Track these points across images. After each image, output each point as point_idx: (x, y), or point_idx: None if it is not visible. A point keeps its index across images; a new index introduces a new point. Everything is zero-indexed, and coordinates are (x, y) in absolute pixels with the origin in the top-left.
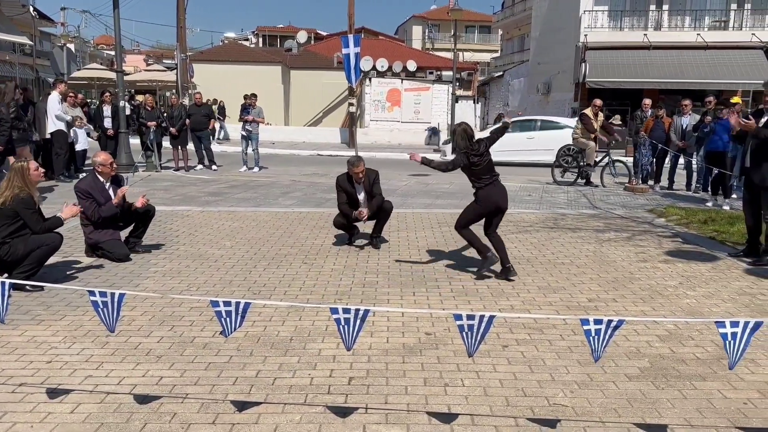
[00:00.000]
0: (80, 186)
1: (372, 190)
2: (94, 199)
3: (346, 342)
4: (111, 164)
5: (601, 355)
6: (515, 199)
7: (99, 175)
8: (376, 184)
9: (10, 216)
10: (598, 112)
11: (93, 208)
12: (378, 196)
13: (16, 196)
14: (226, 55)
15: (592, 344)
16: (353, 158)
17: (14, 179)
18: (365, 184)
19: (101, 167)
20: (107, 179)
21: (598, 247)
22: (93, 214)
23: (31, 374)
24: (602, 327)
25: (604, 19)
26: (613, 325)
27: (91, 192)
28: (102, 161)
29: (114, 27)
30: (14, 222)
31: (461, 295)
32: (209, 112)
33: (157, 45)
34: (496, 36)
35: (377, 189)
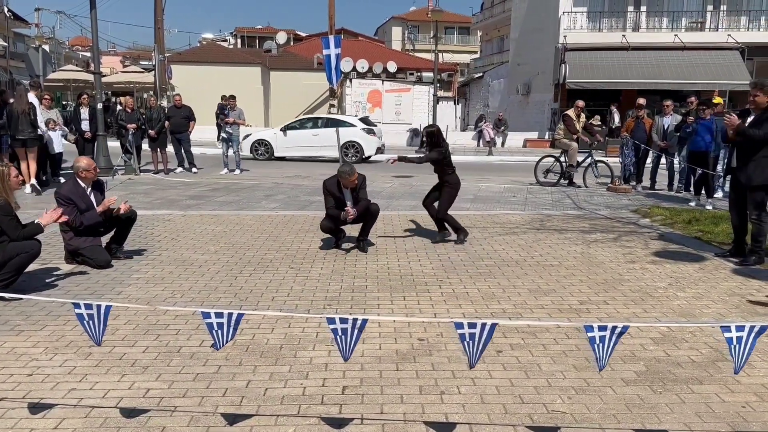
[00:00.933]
0: (61, 192)
1: (359, 194)
2: (75, 205)
3: (344, 352)
4: (94, 169)
5: (606, 363)
6: (500, 200)
7: (80, 181)
8: (362, 188)
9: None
10: (580, 113)
11: (74, 214)
12: (364, 201)
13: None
14: (204, 56)
15: (596, 352)
16: (347, 167)
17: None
18: (353, 189)
19: (84, 173)
20: (89, 184)
21: (586, 249)
22: (74, 221)
23: (12, 388)
24: (607, 333)
25: (583, 20)
26: (618, 331)
27: (72, 198)
28: (85, 166)
29: (91, 28)
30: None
31: (452, 299)
32: (189, 114)
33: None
34: (475, 37)
35: (363, 194)
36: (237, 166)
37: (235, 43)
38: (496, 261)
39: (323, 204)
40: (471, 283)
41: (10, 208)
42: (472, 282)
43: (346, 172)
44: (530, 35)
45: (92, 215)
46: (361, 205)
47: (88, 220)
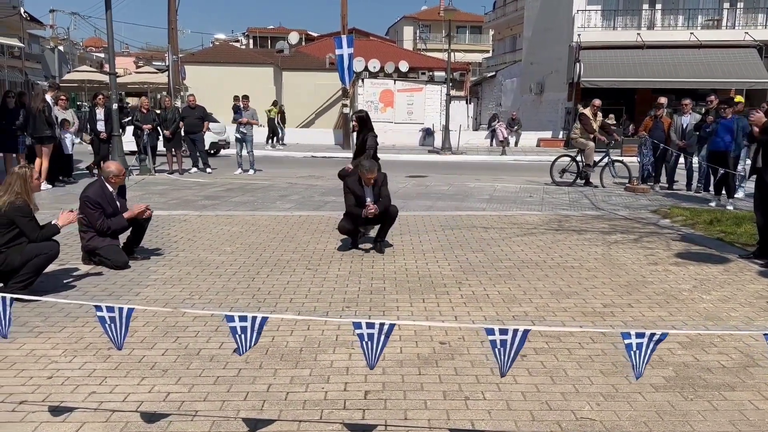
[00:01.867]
0: (89, 195)
1: (380, 192)
2: (102, 209)
3: (369, 359)
4: (123, 175)
5: (643, 372)
6: (516, 200)
7: (108, 185)
8: (384, 186)
9: (5, 224)
10: (597, 112)
11: (101, 219)
12: (385, 198)
13: (12, 203)
14: (217, 56)
15: (633, 359)
16: (368, 163)
17: (15, 185)
18: (374, 187)
19: (114, 178)
20: (115, 189)
21: (607, 250)
22: (101, 226)
23: (32, 391)
24: (644, 341)
25: (597, 19)
26: (656, 338)
27: (100, 202)
28: (116, 172)
29: (106, 29)
30: (10, 230)
31: (472, 302)
32: (203, 114)
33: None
34: (487, 36)
35: (385, 191)
36: (251, 166)
37: (247, 43)
38: (515, 262)
39: (338, 204)
40: (491, 285)
41: (29, 209)
42: (492, 284)
43: (366, 168)
44: (544, 34)
45: (119, 220)
46: (382, 204)
47: (115, 225)
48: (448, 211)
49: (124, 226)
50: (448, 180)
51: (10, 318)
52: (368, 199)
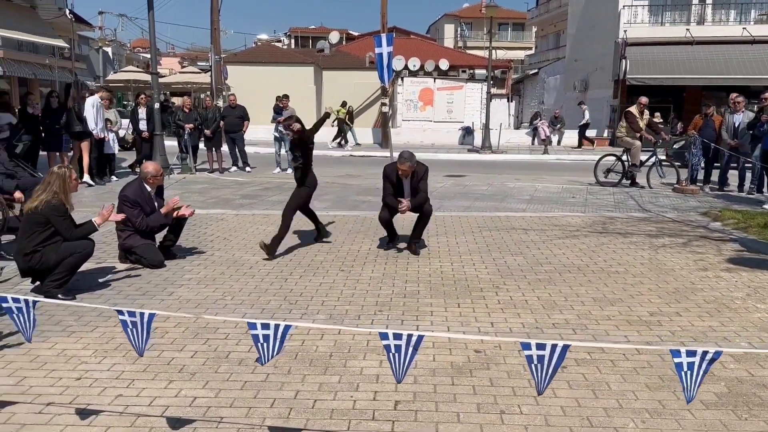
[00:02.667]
0: (127, 194)
1: (418, 186)
2: (141, 208)
3: (397, 373)
4: (161, 175)
5: (695, 395)
6: (558, 201)
7: (147, 185)
8: (423, 180)
9: (42, 223)
10: (643, 110)
11: (141, 217)
12: (422, 194)
13: (48, 202)
14: (259, 56)
15: (684, 381)
16: (406, 154)
17: (53, 184)
18: (413, 179)
19: (152, 178)
20: (153, 189)
21: (654, 254)
22: (140, 224)
23: (60, 392)
24: (696, 360)
25: (644, 14)
26: (709, 357)
27: (138, 201)
28: (153, 173)
29: (149, 29)
30: (46, 229)
31: (510, 308)
32: (243, 113)
33: (192, 47)
34: (530, 33)
35: (424, 186)
36: (289, 165)
37: (288, 43)
38: (557, 266)
39: (374, 204)
40: (530, 290)
41: (65, 208)
42: (531, 289)
43: (403, 158)
44: (588, 30)
45: (157, 217)
46: (417, 200)
47: (153, 222)
48: (486, 211)
49: (164, 222)
50: (488, 179)
51: (34, 320)
52: (406, 190)
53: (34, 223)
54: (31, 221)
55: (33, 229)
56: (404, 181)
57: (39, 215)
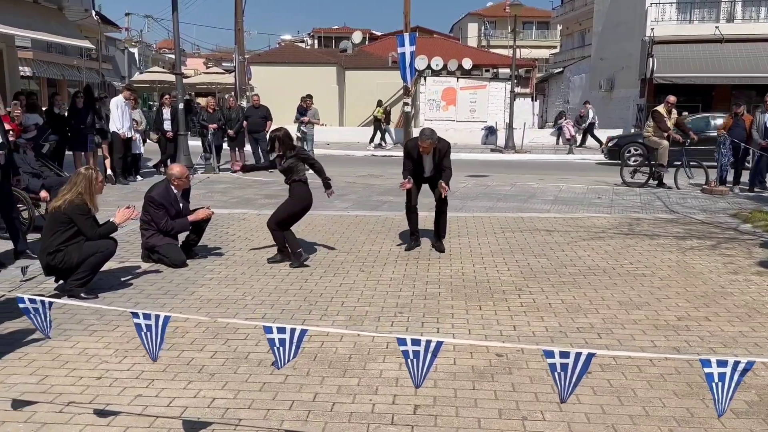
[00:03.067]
0: (153, 196)
1: (442, 163)
2: (166, 210)
3: (415, 378)
4: (187, 177)
5: (727, 408)
6: (583, 202)
7: (173, 187)
8: (446, 157)
9: (65, 222)
10: (671, 109)
11: (165, 219)
12: (447, 171)
13: (72, 201)
14: (282, 56)
15: (714, 393)
16: (427, 130)
17: (79, 185)
18: (435, 155)
19: (177, 180)
20: (180, 191)
21: (682, 257)
22: (165, 226)
23: (80, 391)
24: (727, 370)
25: (672, 12)
26: (741, 368)
27: (164, 203)
28: (178, 175)
29: (173, 30)
30: (68, 228)
31: (533, 311)
32: (266, 113)
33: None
34: (554, 32)
35: (447, 163)
36: None
37: (312, 43)
38: (581, 269)
39: (396, 204)
40: (554, 293)
41: (87, 208)
42: (555, 292)
43: (425, 135)
44: (614, 28)
45: (183, 223)
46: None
47: (178, 227)
48: (509, 212)
49: (188, 229)
50: (511, 180)
51: (50, 321)
52: (427, 167)
53: (57, 222)
54: (54, 220)
55: (56, 228)
56: (425, 158)
57: (62, 215)
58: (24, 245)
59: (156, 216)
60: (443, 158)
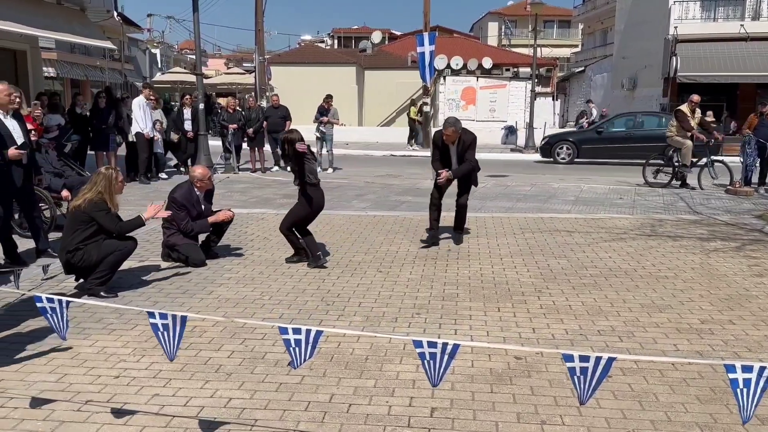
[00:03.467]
0: (176, 196)
1: (465, 155)
2: (188, 211)
3: (432, 378)
4: (209, 179)
5: (752, 415)
6: (605, 202)
7: (195, 189)
8: (470, 149)
9: (85, 221)
10: (695, 109)
11: (186, 220)
12: (467, 162)
13: (91, 200)
14: (301, 57)
15: (739, 399)
16: (451, 119)
17: (99, 184)
18: (458, 146)
19: (198, 182)
20: (202, 193)
21: (705, 259)
22: (186, 227)
23: (98, 390)
24: (753, 376)
25: (696, 10)
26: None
27: (185, 204)
28: (200, 176)
29: (194, 30)
30: (88, 227)
31: (552, 313)
32: (286, 113)
33: (238, 49)
34: (576, 30)
35: (470, 155)
36: (330, 164)
37: (332, 44)
38: (602, 270)
39: (414, 204)
40: (574, 295)
41: (105, 204)
42: (575, 294)
43: (448, 123)
44: (637, 27)
45: (203, 224)
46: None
47: (198, 228)
48: (529, 212)
49: (208, 231)
50: (531, 180)
51: (67, 321)
52: (453, 157)
53: (77, 221)
54: (75, 219)
55: (76, 226)
56: (451, 149)
57: (82, 213)
58: (45, 244)
59: (177, 217)
60: (467, 149)
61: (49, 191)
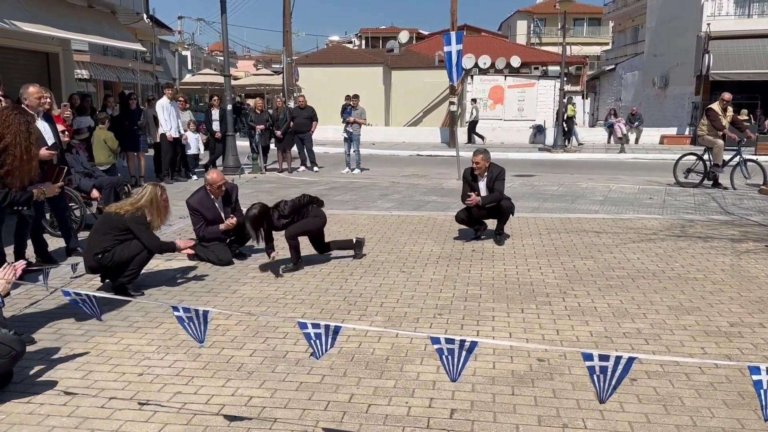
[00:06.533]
0: (190, 202)
1: (493, 186)
2: (201, 215)
3: (451, 373)
4: (219, 187)
5: None
6: (634, 202)
7: (210, 193)
8: (498, 180)
9: (121, 229)
10: (726, 107)
11: (200, 224)
12: (497, 192)
13: (133, 213)
14: (329, 57)
15: (762, 400)
16: (480, 148)
17: (144, 199)
18: (487, 179)
19: (209, 186)
20: (218, 197)
21: (736, 260)
22: (197, 232)
23: (122, 387)
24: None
25: (729, 7)
26: None
27: (199, 208)
28: (211, 180)
29: (222, 32)
30: (122, 235)
31: (577, 315)
32: (312, 114)
33: (266, 50)
34: (606, 28)
35: (499, 186)
36: (356, 165)
37: (359, 44)
38: (630, 272)
39: (439, 205)
40: (600, 297)
41: (146, 219)
42: (601, 295)
43: (477, 151)
44: (669, 24)
45: (214, 230)
46: (490, 197)
47: (209, 234)
48: (555, 213)
49: (218, 237)
50: (558, 179)
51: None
52: (482, 190)
53: (112, 226)
54: (109, 223)
55: (109, 231)
56: (480, 183)
57: (121, 222)
58: (75, 243)
59: (192, 221)
60: (495, 181)
61: (79, 191)
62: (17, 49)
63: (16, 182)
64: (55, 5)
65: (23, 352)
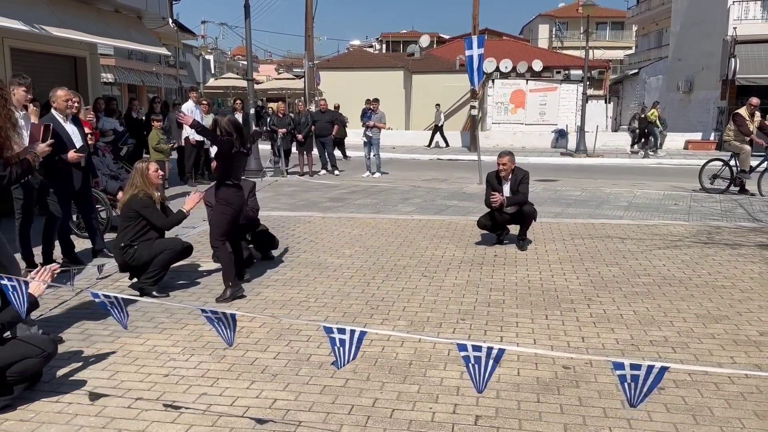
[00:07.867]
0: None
1: (518, 189)
2: None
3: (477, 383)
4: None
5: None
6: (659, 208)
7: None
8: (523, 183)
9: (132, 217)
10: (754, 112)
11: None
12: (521, 195)
13: (134, 196)
14: (350, 61)
15: None
16: (505, 151)
17: (135, 179)
18: (512, 182)
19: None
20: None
21: (765, 268)
22: None
23: (148, 388)
24: None
25: (756, 10)
26: None
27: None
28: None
29: (245, 36)
30: (137, 222)
31: (603, 322)
32: (333, 118)
33: (288, 54)
34: (629, 32)
35: (523, 189)
36: (377, 168)
37: (380, 48)
38: (656, 279)
39: (460, 209)
40: (625, 304)
41: (150, 200)
42: (627, 302)
43: (503, 152)
44: (693, 27)
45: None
46: (514, 198)
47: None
48: (579, 218)
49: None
50: (581, 184)
51: (126, 312)
52: (506, 192)
53: (126, 217)
54: (123, 216)
55: (126, 223)
56: (504, 186)
57: (129, 209)
58: (101, 244)
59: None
60: (520, 184)
61: (106, 193)
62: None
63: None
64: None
65: (55, 353)
